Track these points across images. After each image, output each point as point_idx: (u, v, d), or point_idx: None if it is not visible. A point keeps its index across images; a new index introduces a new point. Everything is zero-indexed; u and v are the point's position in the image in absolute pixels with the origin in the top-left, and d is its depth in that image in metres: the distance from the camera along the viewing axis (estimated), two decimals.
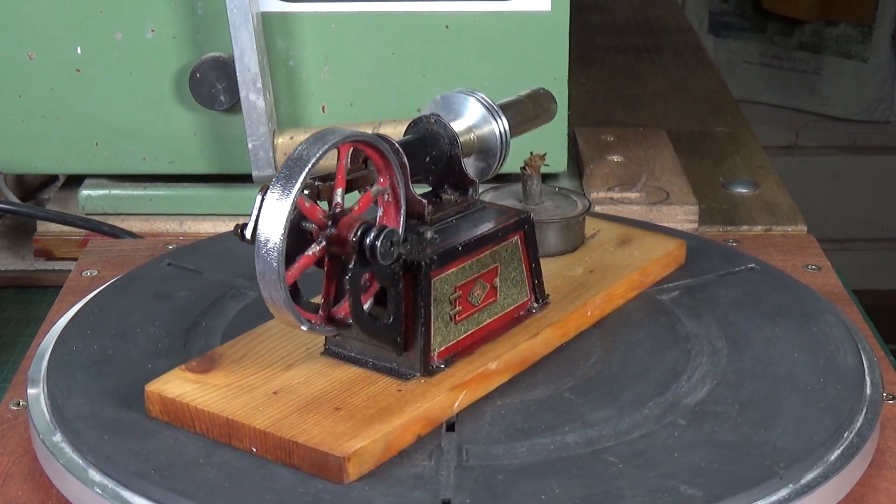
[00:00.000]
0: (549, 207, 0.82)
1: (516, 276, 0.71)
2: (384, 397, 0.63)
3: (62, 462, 0.62)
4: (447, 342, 0.66)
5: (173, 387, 0.65)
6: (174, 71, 0.99)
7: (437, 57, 0.98)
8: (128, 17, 0.98)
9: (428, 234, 0.66)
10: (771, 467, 0.60)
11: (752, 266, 0.81)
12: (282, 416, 0.62)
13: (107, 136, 1.01)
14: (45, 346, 0.73)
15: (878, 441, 0.66)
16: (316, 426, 0.61)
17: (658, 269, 0.80)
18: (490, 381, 0.67)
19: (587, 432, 0.63)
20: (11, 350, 0.90)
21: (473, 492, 0.58)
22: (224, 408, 0.62)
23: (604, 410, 0.65)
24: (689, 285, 0.79)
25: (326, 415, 0.62)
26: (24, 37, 0.98)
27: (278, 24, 0.97)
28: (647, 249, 0.81)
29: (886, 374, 0.71)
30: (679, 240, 0.83)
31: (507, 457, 0.61)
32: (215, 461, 0.61)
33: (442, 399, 0.64)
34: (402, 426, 0.62)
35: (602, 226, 0.85)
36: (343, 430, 0.61)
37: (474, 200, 0.70)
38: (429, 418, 0.63)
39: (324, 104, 0.99)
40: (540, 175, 0.81)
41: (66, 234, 1.02)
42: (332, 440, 0.60)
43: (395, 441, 0.61)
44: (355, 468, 0.59)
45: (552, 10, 0.96)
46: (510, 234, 0.70)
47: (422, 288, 0.64)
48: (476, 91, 0.72)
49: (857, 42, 2.50)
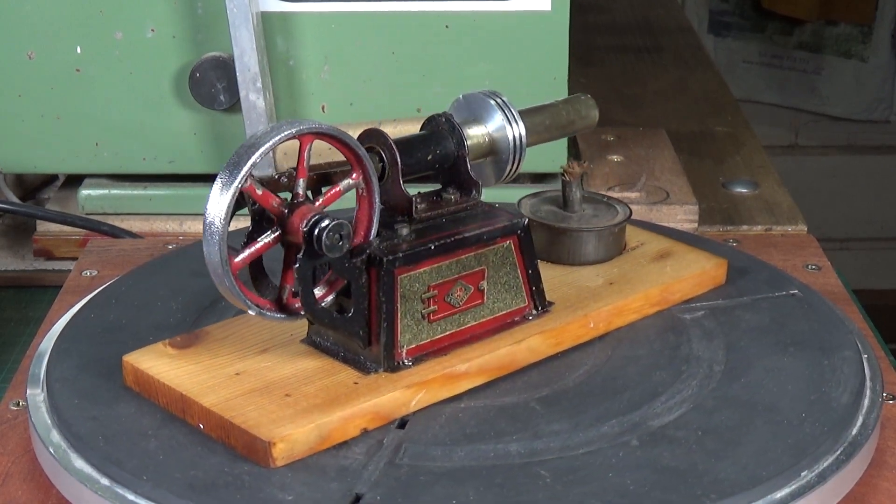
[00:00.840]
0: (586, 215, 0.80)
1: (509, 281, 0.70)
2: (337, 388, 0.64)
3: (62, 462, 0.62)
4: (418, 340, 0.67)
5: (147, 359, 0.67)
6: (174, 71, 0.99)
7: (437, 57, 0.98)
8: (128, 16, 0.98)
9: (403, 230, 0.66)
10: (700, 498, 0.58)
11: (793, 292, 0.77)
12: (231, 397, 0.63)
13: (107, 136, 1.01)
14: (45, 346, 0.73)
15: (878, 441, 0.66)
16: (258, 410, 0.62)
17: (687, 287, 0.77)
18: (457, 383, 0.67)
19: (533, 443, 0.62)
20: (11, 350, 0.90)
21: (389, 490, 0.59)
22: (182, 383, 0.64)
23: (560, 423, 0.64)
24: (718, 307, 0.76)
25: (274, 400, 0.63)
26: (24, 36, 0.98)
27: (278, 24, 0.97)
28: (682, 266, 0.78)
29: (886, 374, 0.71)
30: (720, 259, 0.79)
31: (442, 459, 0.61)
32: (162, 434, 0.63)
33: (396, 396, 0.64)
34: (344, 418, 0.62)
35: (647, 238, 0.82)
36: (281, 415, 0.62)
37: (475, 202, 0.70)
38: (378, 413, 0.64)
39: (324, 104, 0.99)
40: (580, 182, 0.79)
41: (66, 233, 1.02)
42: (265, 424, 0.61)
43: (334, 432, 0.62)
44: (282, 454, 0.60)
45: (552, 10, 0.96)
46: (500, 238, 0.69)
47: (384, 284, 0.64)
48: (498, 93, 0.72)
49: (857, 42, 2.50)
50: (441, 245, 0.66)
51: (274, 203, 0.62)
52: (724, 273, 0.78)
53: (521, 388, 0.67)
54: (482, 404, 0.66)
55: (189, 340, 0.69)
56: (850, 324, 0.75)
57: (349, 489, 0.59)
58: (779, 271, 0.81)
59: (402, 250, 0.65)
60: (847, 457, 0.62)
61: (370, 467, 0.60)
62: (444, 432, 0.63)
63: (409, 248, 0.65)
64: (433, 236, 0.67)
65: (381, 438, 0.63)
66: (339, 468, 0.60)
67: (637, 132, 1.17)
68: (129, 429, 0.63)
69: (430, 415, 0.65)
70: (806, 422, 0.64)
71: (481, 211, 0.70)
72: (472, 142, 0.70)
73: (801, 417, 0.64)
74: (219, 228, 0.60)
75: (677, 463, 0.60)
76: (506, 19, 0.97)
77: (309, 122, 0.62)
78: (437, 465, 0.61)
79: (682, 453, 0.61)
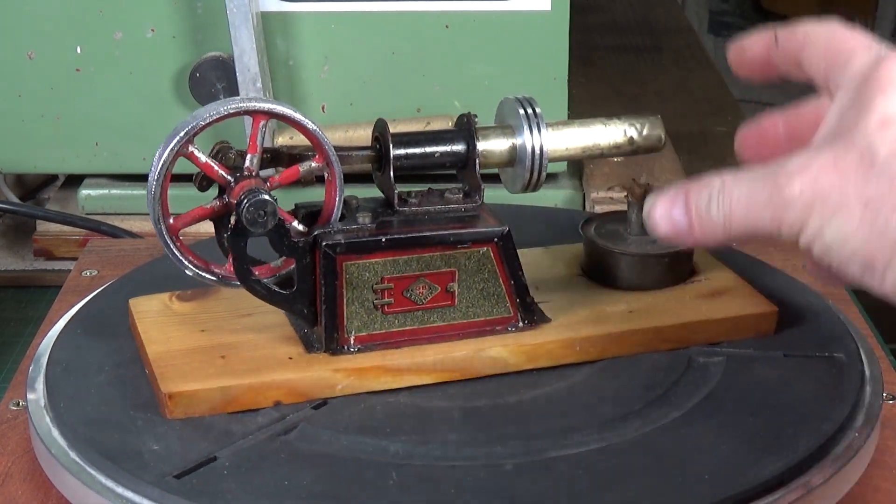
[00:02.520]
0: (646, 240, 0.75)
1: (488, 289, 0.69)
2: (271, 359, 0.66)
3: (62, 462, 0.62)
4: (370, 329, 0.67)
5: (145, 305, 0.71)
6: (174, 71, 0.99)
7: (437, 57, 0.98)
8: (128, 16, 0.98)
9: (363, 219, 0.67)
10: None
11: (837, 355, 0.69)
12: (173, 350, 0.66)
13: (107, 136, 1.01)
14: (45, 346, 0.73)
15: (878, 441, 0.66)
16: (185, 365, 0.65)
17: (717, 330, 0.71)
18: (399, 378, 0.67)
19: (416, 448, 0.61)
20: (11, 350, 0.90)
21: (244, 459, 0.60)
22: (147, 331, 0.68)
23: (459, 434, 0.63)
24: (742, 355, 0.70)
25: (207, 359, 0.66)
26: (24, 36, 0.98)
27: (278, 24, 0.97)
28: (720, 307, 0.72)
29: (886, 374, 0.71)
30: (770, 308, 0.72)
31: (322, 444, 0.62)
32: (112, 373, 0.66)
33: (321, 376, 0.65)
34: (254, 387, 0.64)
35: (717, 274, 0.76)
36: (197, 373, 0.65)
37: (477, 205, 0.70)
38: (295, 389, 0.65)
39: (324, 104, 0.99)
40: (642, 204, 0.73)
41: (66, 233, 1.02)
42: (174, 378, 0.64)
43: (242, 397, 0.64)
44: (177, 407, 0.63)
45: (552, 9, 0.96)
46: (472, 242, 0.68)
47: (324, 267, 0.65)
48: (531, 101, 0.70)
49: None
50: (394, 240, 0.66)
51: (220, 173, 0.65)
52: (773, 323, 0.72)
53: (464, 394, 0.67)
54: (412, 402, 0.66)
55: (195, 295, 0.72)
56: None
57: (211, 452, 0.61)
58: (842, 326, 0.73)
59: (348, 238, 0.66)
60: (847, 457, 0.62)
61: (251, 437, 0.62)
62: (348, 420, 0.64)
63: (357, 237, 0.66)
64: (392, 230, 0.67)
65: (287, 414, 0.64)
66: (223, 431, 0.63)
67: None
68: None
69: (353, 402, 0.66)
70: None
71: (472, 214, 0.69)
72: (491, 147, 0.69)
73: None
74: (153, 191, 0.64)
75: (539, 491, 0.59)
76: (506, 19, 0.97)
77: (261, 102, 0.65)
78: (310, 449, 0.62)
79: (551, 484, 0.59)
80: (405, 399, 0.66)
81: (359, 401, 0.66)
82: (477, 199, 0.70)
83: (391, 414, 0.65)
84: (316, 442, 0.62)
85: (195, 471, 0.60)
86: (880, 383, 0.68)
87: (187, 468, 0.60)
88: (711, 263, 0.77)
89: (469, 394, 0.67)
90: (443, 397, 0.66)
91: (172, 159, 0.64)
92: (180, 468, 0.60)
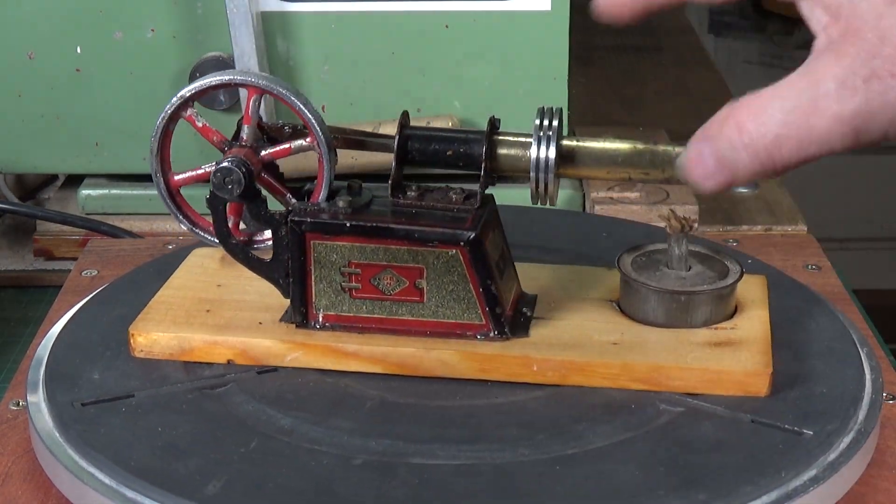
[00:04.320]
0: (684, 276, 0.71)
1: (458, 292, 0.68)
2: (243, 321, 0.71)
3: (62, 462, 0.62)
4: (338, 310, 0.69)
5: (201, 255, 0.78)
6: (174, 71, 0.99)
7: (437, 57, 0.98)
8: (128, 16, 0.98)
9: (341, 203, 0.69)
10: None
11: (806, 432, 0.63)
12: (177, 296, 0.73)
13: (107, 136, 1.01)
14: (45, 346, 0.73)
15: (878, 441, 0.66)
16: (170, 310, 0.72)
17: (694, 380, 0.66)
18: (344, 361, 0.68)
19: (300, 426, 0.64)
20: (11, 350, 0.90)
21: (153, 404, 0.66)
22: (177, 276, 0.76)
23: (351, 423, 0.63)
24: (702, 411, 0.65)
25: (192, 311, 0.72)
26: (24, 36, 0.98)
27: (278, 24, 0.97)
28: (709, 357, 0.67)
29: (886, 374, 0.71)
30: (762, 369, 0.66)
31: (229, 405, 0.66)
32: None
33: (272, 345, 0.69)
34: (208, 342, 0.69)
35: (749, 318, 0.71)
36: (171, 321, 0.71)
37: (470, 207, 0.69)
38: (246, 352, 0.69)
39: (324, 104, 0.99)
40: (683, 238, 0.70)
41: (66, 233, 1.02)
42: (149, 322, 0.71)
43: (196, 350, 0.69)
44: (140, 346, 0.70)
45: (552, 9, 0.96)
46: (438, 242, 0.67)
47: (292, 243, 0.68)
48: (553, 111, 0.68)
49: None
50: (358, 227, 0.68)
51: (215, 138, 0.70)
52: (764, 384, 0.66)
53: (404, 389, 0.67)
54: (345, 386, 0.67)
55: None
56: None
57: (137, 389, 0.67)
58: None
59: (317, 218, 0.68)
60: (847, 457, 0.62)
61: (180, 384, 0.67)
62: (271, 390, 0.67)
63: (327, 218, 0.68)
64: (363, 217, 0.68)
65: (231, 373, 0.68)
66: (161, 376, 0.68)
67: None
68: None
69: (297, 375, 0.68)
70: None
71: (458, 216, 0.68)
72: (504, 153, 0.68)
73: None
74: (153, 146, 0.71)
75: (359, 490, 0.59)
76: (506, 19, 0.97)
77: (258, 77, 0.69)
78: (214, 406, 0.66)
79: (385, 485, 0.59)
80: (346, 382, 0.68)
81: (303, 375, 0.68)
82: (474, 203, 0.69)
83: (314, 392, 0.67)
84: (227, 402, 0.66)
85: (101, 403, 0.66)
86: (880, 383, 0.68)
87: (99, 399, 0.66)
88: (757, 304, 0.72)
89: (408, 390, 0.67)
90: (381, 388, 0.67)
91: (169, 119, 0.70)
92: (95, 398, 0.66)
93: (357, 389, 0.67)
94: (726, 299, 0.71)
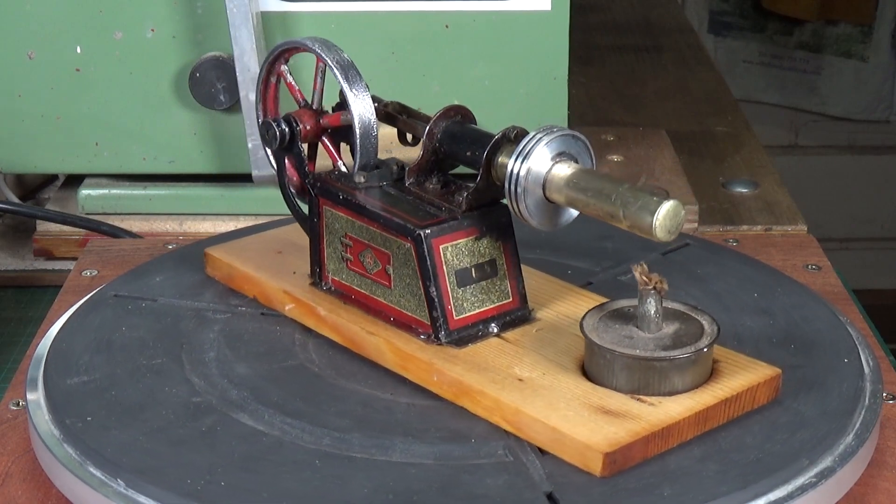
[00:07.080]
0: (653, 339, 0.65)
1: (412, 288, 0.68)
2: (285, 268, 0.76)
3: (62, 462, 0.62)
4: (340, 276, 0.73)
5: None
6: (174, 71, 0.99)
7: (437, 57, 0.98)
8: (128, 16, 0.98)
9: (359, 179, 0.72)
10: None
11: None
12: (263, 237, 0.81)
13: (107, 136, 1.01)
14: (45, 346, 0.73)
15: (878, 441, 0.66)
16: (246, 250, 0.79)
17: (545, 436, 0.62)
18: (320, 324, 0.72)
19: (237, 367, 0.69)
20: (11, 350, 0.90)
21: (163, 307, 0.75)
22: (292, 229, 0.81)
23: (337, 419, 0.64)
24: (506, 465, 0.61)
25: (267, 249, 0.79)
26: (24, 36, 0.98)
27: (278, 24, 0.97)
28: (572, 421, 0.61)
29: (886, 374, 0.71)
30: (596, 447, 0.59)
31: (207, 331, 0.72)
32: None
33: (276, 294, 0.75)
34: (243, 277, 0.77)
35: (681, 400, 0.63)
36: (244, 253, 0.79)
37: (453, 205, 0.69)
38: (264, 293, 0.76)
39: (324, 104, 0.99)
40: (655, 297, 0.64)
41: (66, 233, 1.02)
42: (226, 251, 0.79)
43: (236, 280, 0.78)
44: (209, 265, 0.80)
45: (552, 9, 0.96)
46: (395, 232, 0.68)
47: (311, 204, 0.73)
48: (554, 128, 0.66)
49: (857, 41, 2.50)
50: (347, 201, 0.71)
51: (298, 96, 0.76)
52: (597, 464, 0.59)
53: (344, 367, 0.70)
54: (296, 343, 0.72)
55: None
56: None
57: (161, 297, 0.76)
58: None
59: (328, 186, 0.72)
60: (847, 456, 0.62)
61: (199, 303, 0.76)
62: (249, 331, 0.73)
63: (335, 189, 0.72)
64: (359, 195, 0.71)
65: (248, 307, 0.76)
66: (199, 293, 0.77)
67: (637, 132, 1.17)
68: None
69: (285, 324, 0.74)
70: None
71: (433, 212, 0.68)
72: (500, 163, 0.68)
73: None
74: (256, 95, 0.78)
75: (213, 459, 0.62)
76: (506, 19, 0.97)
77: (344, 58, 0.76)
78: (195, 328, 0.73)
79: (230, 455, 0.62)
80: (314, 344, 0.72)
81: (289, 325, 0.74)
82: (459, 201, 0.68)
83: (274, 347, 0.71)
84: (208, 329, 0.73)
85: (129, 299, 0.76)
86: (880, 383, 0.68)
87: (130, 296, 0.77)
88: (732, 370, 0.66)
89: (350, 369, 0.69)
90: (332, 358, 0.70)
91: (267, 71, 0.77)
92: (134, 296, 0.77)
93: (307, 355, 0.71)
94: (661, 372, 0.63)
